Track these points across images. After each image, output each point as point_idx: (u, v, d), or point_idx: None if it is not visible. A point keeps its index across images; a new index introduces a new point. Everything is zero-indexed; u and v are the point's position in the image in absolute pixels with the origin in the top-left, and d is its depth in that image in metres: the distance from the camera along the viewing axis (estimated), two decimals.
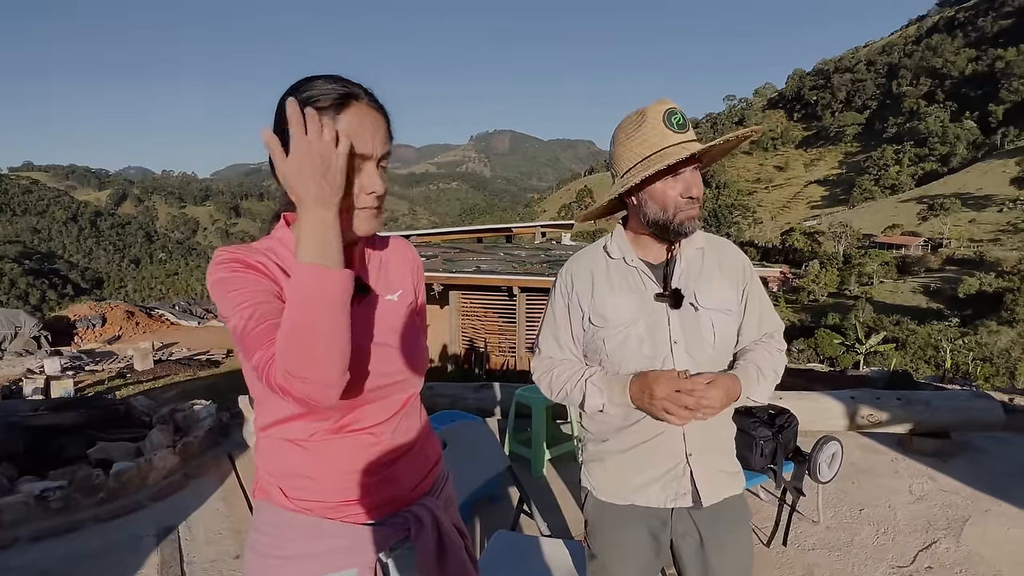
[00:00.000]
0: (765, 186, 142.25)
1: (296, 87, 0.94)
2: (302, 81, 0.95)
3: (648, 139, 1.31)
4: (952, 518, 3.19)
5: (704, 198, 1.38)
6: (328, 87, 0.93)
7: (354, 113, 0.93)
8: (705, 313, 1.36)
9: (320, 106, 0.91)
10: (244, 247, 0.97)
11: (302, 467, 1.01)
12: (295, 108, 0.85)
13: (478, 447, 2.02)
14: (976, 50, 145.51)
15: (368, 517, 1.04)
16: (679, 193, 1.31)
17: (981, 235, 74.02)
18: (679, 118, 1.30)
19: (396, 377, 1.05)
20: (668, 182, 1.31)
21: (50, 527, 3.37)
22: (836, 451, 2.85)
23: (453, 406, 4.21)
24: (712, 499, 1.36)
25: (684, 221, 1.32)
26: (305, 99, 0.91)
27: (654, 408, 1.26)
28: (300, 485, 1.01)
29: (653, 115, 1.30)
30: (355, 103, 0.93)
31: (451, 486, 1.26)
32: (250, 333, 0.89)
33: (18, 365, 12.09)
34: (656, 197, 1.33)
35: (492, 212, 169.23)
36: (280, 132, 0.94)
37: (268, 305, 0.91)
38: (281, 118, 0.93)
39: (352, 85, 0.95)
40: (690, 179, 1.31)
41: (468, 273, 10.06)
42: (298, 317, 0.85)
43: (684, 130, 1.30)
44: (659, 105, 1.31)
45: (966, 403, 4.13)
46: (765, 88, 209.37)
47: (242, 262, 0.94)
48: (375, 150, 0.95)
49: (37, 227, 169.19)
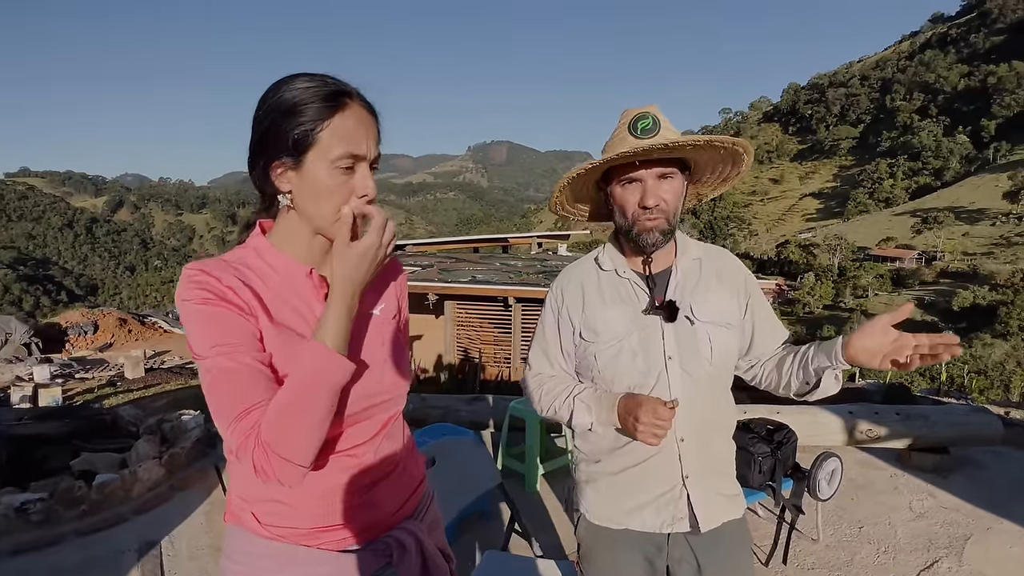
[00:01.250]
0: (760, 198, 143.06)
1: (278, 86, 0.89)
2: (284, 80, 0.89)
3: (610, 142, 1.28)
4: (953, 536, 3.13)
5: (700, 210, 1.32)
6: (315, 84, 0.88)
7: (348, 112, 0.88)
8: (702, 327, 1.30)
9: (312, 105, 0.86)
10: (216, 264, 0.90)
11: (276, 491, 0.94)
12: (381, 215, 0.89)
13: (468, 463, 1.95)
14: (968, 66, 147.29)
15: (347, 543, 0.98)
16: (636, 201, 1.26)
17: (974, 248, 74.51)
18: (647, 123, 1.22)
19: (379, 397, 0.99)
20: (628, 189, 1.27)
21: (30, 540, 3.27)
22: (836, 468, 2.79)
23: (445, 418, 4.14)
24: (710, 524, 1.29)
25: (641, 232, 1.27)
26: (296, 100, 0.86)
27: (637, 434, 1.19)
28: (273, 510, 0.95)
29: (624, 120, 1.26)
30: (348, 101, 0.89)
31: (436, 507, 1.20)
32: (226, 386, 0.84)
33: (7, 372, 11.93)
34: (617, 203, 1.30)
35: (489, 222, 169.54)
36: (260, 136, 0.89)
37: (247, 355, 0.86)
38: (262, 118, 0.88)
39: (342, 84, 0.90)
40: (649, 187, 1.24)
41: (464, 283, 10.01)
42: (301, 397, 0.83)
43: (649, 135, 1.21)
44: (634, 111, 1.26)
45: (965, 418, 4.08)
46: (760, 101, 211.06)
47: (215, 292, 0.87)
48: (369, 151, 0.90)
49: (32, 233, 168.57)
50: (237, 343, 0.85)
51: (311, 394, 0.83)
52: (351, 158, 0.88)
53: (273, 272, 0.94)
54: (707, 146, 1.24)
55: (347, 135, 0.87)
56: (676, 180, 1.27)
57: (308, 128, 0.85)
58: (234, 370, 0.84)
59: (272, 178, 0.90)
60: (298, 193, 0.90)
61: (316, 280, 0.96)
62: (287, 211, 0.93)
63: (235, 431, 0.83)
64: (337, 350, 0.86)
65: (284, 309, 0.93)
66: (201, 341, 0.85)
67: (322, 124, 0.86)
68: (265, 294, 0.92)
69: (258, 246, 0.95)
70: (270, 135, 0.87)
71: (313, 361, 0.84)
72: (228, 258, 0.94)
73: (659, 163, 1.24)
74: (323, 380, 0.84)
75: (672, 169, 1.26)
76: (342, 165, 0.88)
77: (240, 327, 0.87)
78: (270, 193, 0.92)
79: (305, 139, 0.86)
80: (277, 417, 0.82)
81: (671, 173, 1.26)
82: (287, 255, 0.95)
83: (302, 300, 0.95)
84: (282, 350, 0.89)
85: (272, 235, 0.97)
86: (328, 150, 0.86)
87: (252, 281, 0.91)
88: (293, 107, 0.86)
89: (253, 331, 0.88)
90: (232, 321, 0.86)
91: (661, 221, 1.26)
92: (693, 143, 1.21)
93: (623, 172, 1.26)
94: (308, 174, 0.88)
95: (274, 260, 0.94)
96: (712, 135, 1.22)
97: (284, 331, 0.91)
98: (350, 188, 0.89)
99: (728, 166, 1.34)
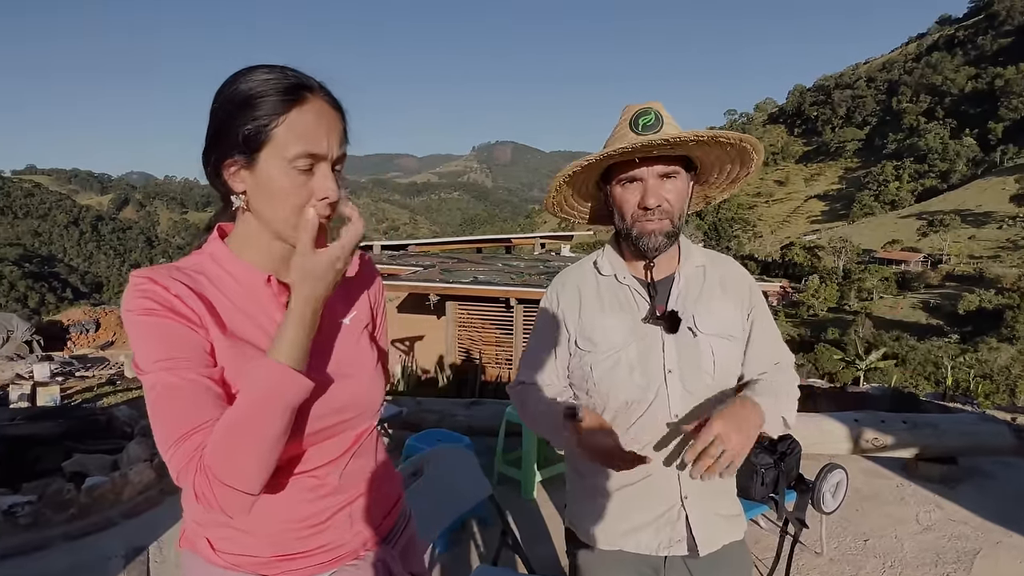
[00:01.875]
0: (765, 200, 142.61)
1: (235, 77, 0.81)
2: (242, 71, 0.82)
3: (610, 139, 1.20)
4: (962, 550, 3.04)
5: (704, 211, 1.25)
6: (274, 76, 0.80)
7: (308, 108, 0.81)
8: (704, 339, 1.21)
9: (268, 98, 0.79)
10: (165, 272, 0.83)
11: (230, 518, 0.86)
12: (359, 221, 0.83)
13: (457, 474, 1.88)
14: (976, 68, 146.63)
15: (309, 572, 0.90)
16: (636, 202, 1.18)
17: (981, 252, 74.07)
18: (649, 119, 1.14)
19: (345, 414, 0.91)
20: (628, 188, 1.19)
21: (17, 544, 3.21)
22: (841, 480, 2.70)
23: (441, 423, 4.07)
24: (710, 547, 1.22)
25: (639, 234, 1.19)
26: (251, 92, 0.79)
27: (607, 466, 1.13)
28: (229, 536, 0.88)
29: (625, 116, 1.19)
30: (309, 96, 0.81)
31: (413, 528, 1.12)
32: (170, 404, 0.77)
33: (7, 370, 11.91)
34: (616, 203, 1.22)
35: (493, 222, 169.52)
36: (213, 131, 0.82)
37: (194, 371, 0.78)
38: (216, 111, 0.81)
39: (303, 76, 0.83)
40: (651, 187, 1.16)
41: (466, 284, 9.95)
42: (250, 417, 0.75)
43: (651, 131, 1.14)
44: (636, 106, 1.18)
45: (974, 427, 3.99)
46: (766, 103, 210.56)
47: (161, 303, 0.79)
48: (330, 150, 0.82)
49: (38, 230, 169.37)
50: (183, 358, 0.78)
51: (261, 414, 0.76)
52: (309, 157, 0.80)
53: (230, 279, 0.87)
54: (712, 143, 1.15)
55: (305, 132, 0.80)
56: (680, 180, 1.19)
57: (262, 124, 0.78)
58: (178, 387, 0.77)
59: (225, 177, 0.82)
60: (252, 194, 0.82)
61: (275, 288, 0.89)
62: (243, 213, 0.86)
63: (176, 454, 0.75)
64: (293, 365, 0.78)
65: (239, 319, 0.85)
66: (145, 355, 0.78)
67: (277, 120, 0.78)
68: (219, 303, 0.84)
69: (214, 252, 0.88)
70: (223, 130, 0.80)
71: (266, 377, 0.77)
72: (182, 264, 0.86)
73: (661, 161, 1.16)
74: (275, 399, 0.76)
75: (675, 168, 1.18)
76: (299, 165, 0.80)
77: (187, 341, 0.79)
78: (223, 193, 0.85)
79: (258, 136, 0.78)
80: (223, 439, 0.75)
81: (674, 172, 1.18)
82: (244, 261, 0.88)
83: (260, 309, 0.88)
84: (236, 364, 0.82)
85: (231, 239, 0.90)
86: (284, 148, 0.79)
87: (205, 289, 0.84)
88: (247, 100, 0.78)
89: (202, 345, 0.80)
90: (179, 334, 0.79)
91: (664, 223, 1.18)
92: (697, 139, 1.13)
93: (623, 170, 1.18)
94: (262, 173, 0.80)
95: (231, 266, 0.87)
96: (717, 131, 1.13)
97: (239, 343, 0.84)
98: (309, 190, 0.82)
99: (736, 166, 1.25)
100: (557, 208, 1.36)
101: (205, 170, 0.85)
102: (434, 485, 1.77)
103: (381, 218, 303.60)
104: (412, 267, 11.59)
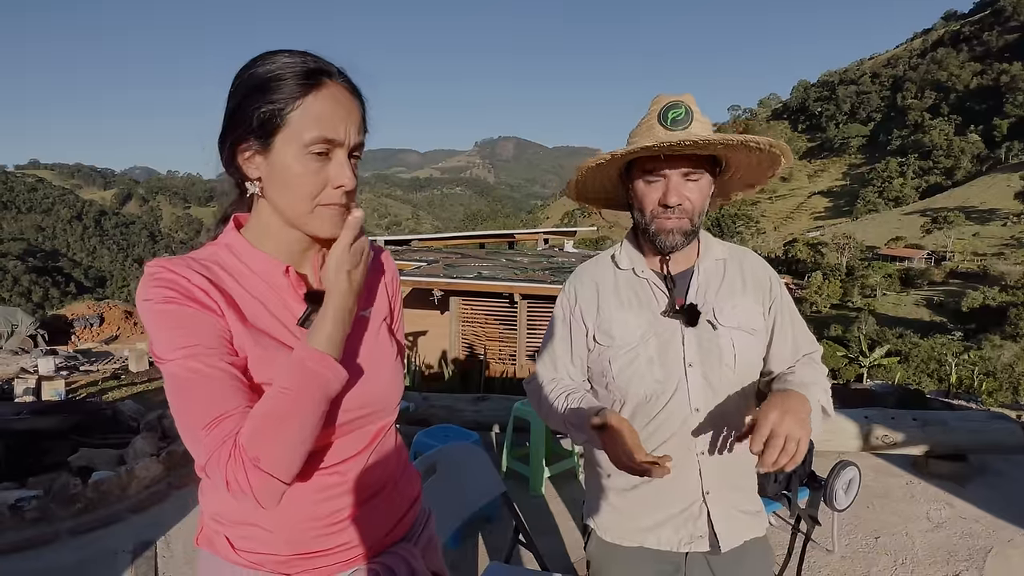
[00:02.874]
0: (768, 196, 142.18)
1: (255, 60, 0.80)
2: (262, 55, 0.80)
3: (637, 130, 1.17)
4: (973, 548, 3.01)
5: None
6: (293, 60, 0.78)
7: (326, 93, 0.79)
8: (725, 332, 1.19)
9: (286, 82, 0.77)
10: (183, 262, 0.81)
11: (252, 514, 0.85)
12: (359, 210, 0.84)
13: (470, 471, 1.86)
14: (981, 64, 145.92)
15: (331, 571, 0.88)
16: (656, 199, 1.16)
17: (985, 249, 73.84)
18: (679, 114, 1.11)
19: (366, 409, 0.89)
20: (650, 184, 1.16)
21: (24, 539, 3.21)
22: (853, 477, 2.68)
23: (449, 419, 4.05)
24: (731, 543, 1.20)
25: (658, 231, 1.17)
26: (269, 75, 0.77)
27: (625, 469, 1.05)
28: (249, 535, 0.86)
29: (654, 107, 1.16)
30: (327, 81, 0.79)
31: (433, 527, 1.10)
32: (196, 390, 0.75)
33: (12, 364, 11.96)
34: (636, 198, 1.20)
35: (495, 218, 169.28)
36: (229, 114, 0.80)
37: (219, 359, 0.76)
38: (233, 94, 0.80)
39: (323, 61, 0.81)
40: (673, 185, 1.14)
41: (469, 279, 9.91)
42: (291, 404, 0.74)
43: (680, 127, 1.11)
44: (667, 98, 1.15)
45: (984, 424, 3.96)
46: (770, 99, 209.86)
47: (181, 291, 0.78)
48: (348, 137, 0.80)
49: (42, 225, 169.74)
50: (207, 345, 0.76)
51: (302, 402, 0.75)
52: (325, 143, 0.78)
53: (247, 270, 0.85)
54: (740, 147, 1.12)
55: (322, 117, 0.78)
56: (703, 180, 1.17)
57: (278, 107, 0.76)
58: (206, 373, 0.75)
59: (239, 162, 0.81)
60: (267, 180, 0.81)
61: (293, 279, 0.87)
62: (259, 201, 0.84)
63: (207, 439, 0.73)
64: (332, 355, 0.78)
65: (257, 310, 0.84)
66: (167, 343, 0.76)
67: (294, 104, 0.77)
68: (237, 294, 0.83)
69: (231, 242, 0.86)
70: (238, 113, 0.78)
71: (306, 365, 0.76)
72: (198, 255, 0.84)
73: (687, 161, 1.13)
74: (317, 387, 0.76)
75: (700, 168, 1.15)
76: (315, 151, 0.78)
77: (210, 328, 0.78)
78: (238, 179, 0.84)
79: (273, 119, 0.77)
80: (262, 424, 0.73)
81: (698, 173, 1.15)
82: (261, 252, 0.86)
83: (278, 300, 0.86)
84: (255, 354, 0.80)
85: (247, 230, 0.88)
86: (299, 133, 0.77)
87: (223, 281, 0.82)
88: (265, 83, 0.77)
89: (224, 333, 0.79)
90: (200, 321, 0.77)
91: (683, 222, 1.16)
92: (726, 142, 1.09)
93: (647, 164, 1.15)
94: (277, 159, 0.79)
95: (248, 257, 0.85)
96: (748, 135, 1.10)
97: (257, 334, 0.82)
98: (324, 177, 0.80)
99: (764, 167, 1.22)
100: (580, 197, 1.35)
101: (220, 156, 0.83)
102: (448, 483, 1.75)
103: (384, 213, 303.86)
104: (415, 262, 11.56)
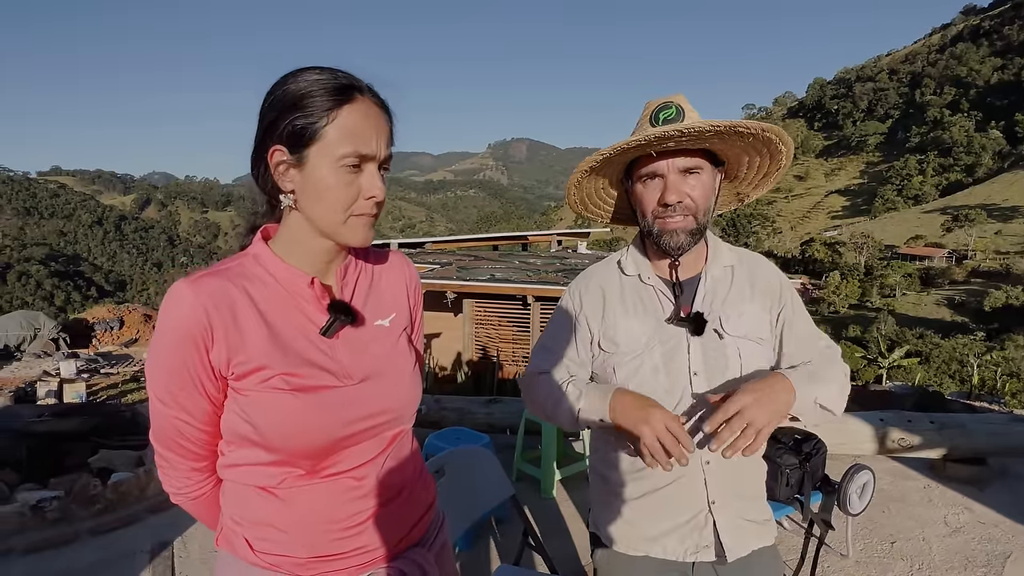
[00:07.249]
0: (785, 195, 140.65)
1: (286, 78, 0.82)
2: (292, 72, 0.83)
3: (632, 133, 1.16)
4: (992, 554, 2.96)
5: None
6: (324, 77, 0.81)
7: (357, 108, 0.82)
8: (732, 341, 1.18)
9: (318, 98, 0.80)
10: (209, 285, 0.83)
11: (272, 516, 0.87)
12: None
13: (479, 474, 1.87)
14: (1002, 59, 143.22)
15: (347, 574, 0.90)
16: (656, 199, 1.15)
17: (1007, 247, 72.42)
18: (670, 113, 1.10)
19: (383, 417, 0.91)
20: (649, 185, 1.16)
21: (45, 539, 3.27)
22: (868, 480, 2.64)
23: (461, 422, 4.06)
24: (738, 553, 1.19)
25: (661, 232, 1.16)
26: (302, 92, 0.80)
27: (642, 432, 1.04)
28: (268, 536, 0.88)
29: (646, 111, 1.16)
30: (358, 96, 0.82)
31: (447, 533, 1.11)
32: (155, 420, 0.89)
33: (35, 367, 12.19)
34: (637, 200, 1.19)
35: (509, 220, 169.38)
36: (263, 130, 0.83)
37: (178, 411, 0.86)
38: (266, 111, 0.83)
39: (353, 78, 0.84)
40: (671, 182, 1.13)
41: (482, 281, 9.94)
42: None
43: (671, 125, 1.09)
44: (657, 100, 1.15)
45: (1004, 427, 3.88)
46: (785, 97, 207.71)
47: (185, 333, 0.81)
48: (378, 150, 0.83)
49: (64, 230, 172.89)
50: (176, 397, 0.85)
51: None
52: (357, 156, 0.81)
53: (272, 280, 0.88)
54: (731, 133, 1.09)
55: (354, 131, 0.81)
56: (704, 175, 1.15)
57: (312, 122, 0.79)
58: (164, 416, 0.87)
59: (274, 176, 0.84)
60: (301, 193, 0.84)
61: (318, 290, 0.89)
62: (290, 213, 0.87)
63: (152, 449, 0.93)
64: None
65: (280, 322, 0.86)
66: (150, 372, 0.86)
67: (327, 118, 0.80)
68: (261, 306, 0.86)
69: (258, 253, 0.89)
70: (273, 129, 0.81)
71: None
72: (225, 267, 0.87)
73: (681, 154, 1.12)
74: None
75: (697, 162, 1.14)
76: (348, 163, 0.81)
77: (188, 379, 0.84)
78: (272, 193, 0.87)
79: (308, 134, 0.80)
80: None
81: (697, 167, 1.14)
82: (288, 263, 0.88)
83: (301, 311, 0.88)
84: (278, 362, 0.84)
85: (274, 241, 0.90)
86: (333, 146, 0.80)
87: (247, 294, 0.85)
88: (298, 100, 0.80)
89: (204, 379, 0.84)
90: (183, 370, 0.83)
91: (687, 220, 1.14)
92: (712, 128, 1.07)
93: (643, 166, 1.15)
94: (311, 172, 0.82)
95: (274, 268, 0.88)
96: (737, 120, 1.07)
97: (281, 344, 0.85)
98: (356, 189, 0.83)
99: (764, 159, 1.20)
100: (581, 207, 1.34)
101: (253, 171, 0.87)
102: (456, 485, 1.76)
103: (398, 216, 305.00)
104: (429, 265, 11.62)
